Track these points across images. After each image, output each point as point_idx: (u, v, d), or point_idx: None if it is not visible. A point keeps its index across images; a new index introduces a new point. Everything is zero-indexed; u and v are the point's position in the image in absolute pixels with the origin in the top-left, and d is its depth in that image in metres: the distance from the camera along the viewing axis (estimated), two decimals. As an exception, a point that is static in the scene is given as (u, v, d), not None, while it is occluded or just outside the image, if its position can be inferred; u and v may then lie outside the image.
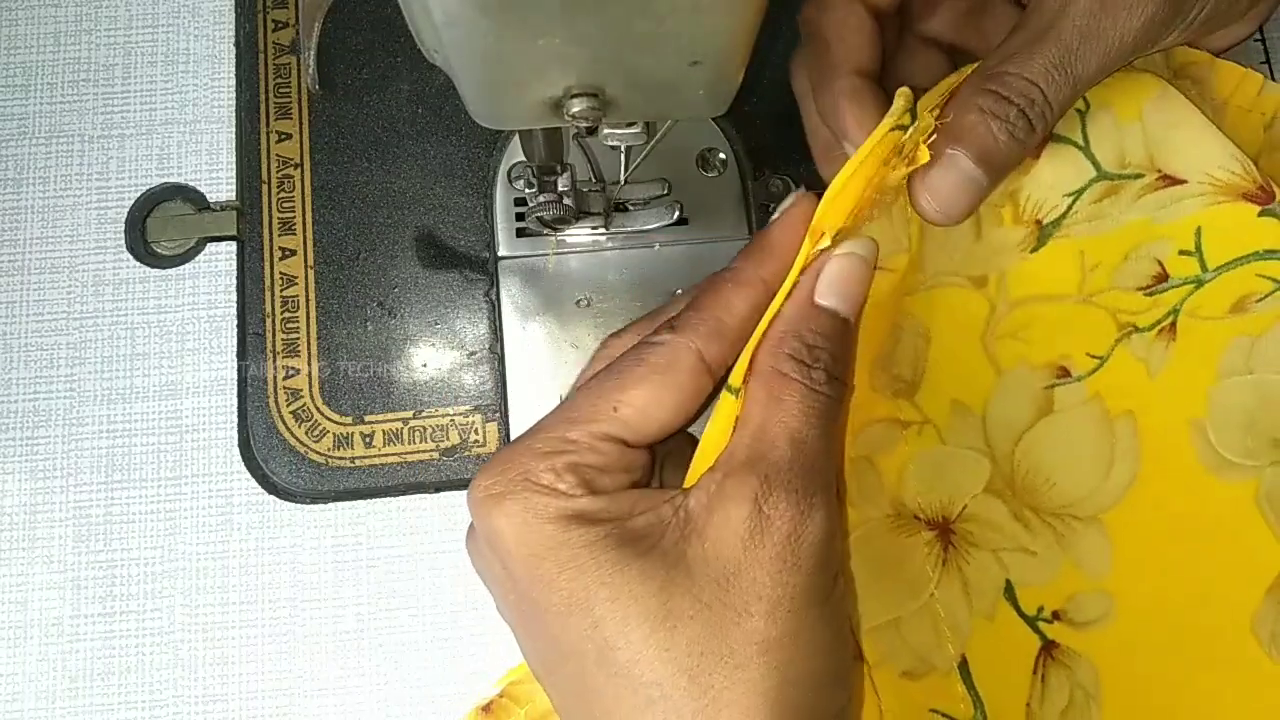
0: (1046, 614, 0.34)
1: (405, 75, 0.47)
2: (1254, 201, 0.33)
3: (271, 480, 0.42)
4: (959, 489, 0.35)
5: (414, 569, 0.42)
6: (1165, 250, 0.34)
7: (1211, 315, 0.34)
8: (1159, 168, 0.33)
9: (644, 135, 0.32)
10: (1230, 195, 0.33)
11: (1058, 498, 0.35)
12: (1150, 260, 0.34)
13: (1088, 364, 0.35)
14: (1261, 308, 0.33)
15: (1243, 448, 0.34)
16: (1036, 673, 0.34)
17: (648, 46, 0.25)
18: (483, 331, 0.44)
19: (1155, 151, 0.33)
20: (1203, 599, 0.34)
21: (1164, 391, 0.34)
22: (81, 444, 0.43)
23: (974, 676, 0.33)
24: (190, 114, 0.47)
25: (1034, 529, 0.35)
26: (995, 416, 0.35)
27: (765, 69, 0.47)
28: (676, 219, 0.43)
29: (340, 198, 0.45)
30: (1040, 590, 0.34)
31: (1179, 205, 0.33)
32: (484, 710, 0.34)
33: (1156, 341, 0.34)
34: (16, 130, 0.46)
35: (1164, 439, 0.34)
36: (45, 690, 0.40)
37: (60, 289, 0.45)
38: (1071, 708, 0.33)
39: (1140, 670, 0.34)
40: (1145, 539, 0.34)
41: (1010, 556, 0.35)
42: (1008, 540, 0.35)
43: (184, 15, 0.48)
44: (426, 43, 0.28)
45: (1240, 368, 0.34)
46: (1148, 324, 0.35)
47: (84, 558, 0.42)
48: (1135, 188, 0.34)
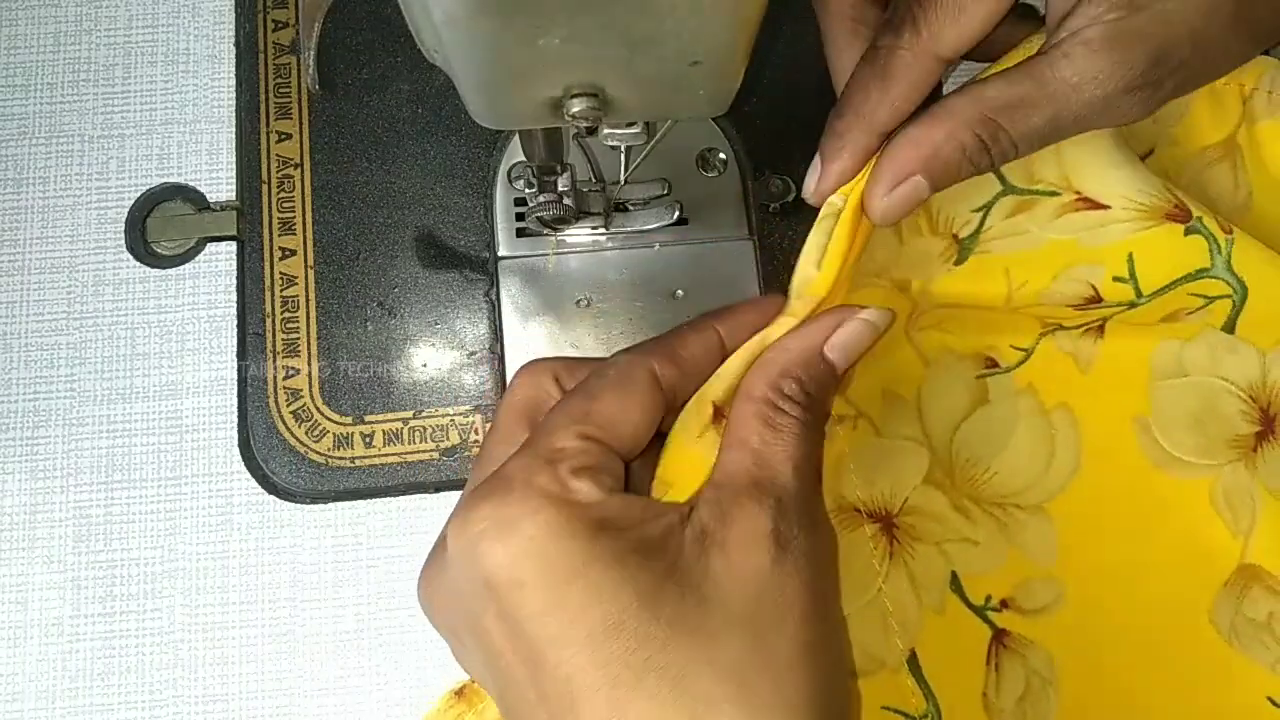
0: (995, 603, 0.34)
1: (405, 75, 0.47)
2: (1177, 221, 0.34)
3: (271, 480, 0.42)
4: (899, 480, 0.35)
5: (414, 569, 0.41)
6: (1097, 275, 0.35)
7: (1143, 322, 0.35)
8: (1076, 189, 0.34)
9: (644, 135, 0.32)
10: (1155, 218, 0.34)
11: (999, 487, 0.35)
12: (1082, 283, 0.35)
13: (1014, 355, 0.35)
14: (1191, 319, 0.35)
15: (1194, 446, 0.34)
16: (990, 663, 0.34)
17: (648, 46, 0.25)
18: (483, 331, 0.44)
19: (1070, 173, 0.34)
20: (1155, 588, 0.34)
21: (1100, 387, 0.35)
22: (81, 444, 0.43)
23: (924, 670, 0.33)
24: (190, 114, 0.47)
25: (975, 519, 0.35)
26: (930, 404, 0.35)
27: (765, 69, 0.47)
28: (676, 219, 0.43)
29: (340, 198, 0.45)
30: (986, 579, 0.34)
31: (1106, 230, 0.34)
32: (456, 695, 0.35)
33: (1083, 338, 0.35)
34: (16, 130, 0.46)
35: (1106, 433, 0.35)
36: (45, 690, 0.40)
37: (60, 289, 0.45)
38: (1029, 694, 0.34)
39: (1095, 655, 0.34)
40: (1092, 528, 0.35)
41: (953, 547, 0.35)
42: (949, 531, 0.35)
43: (184, 15, 0.48)
44: (426, 43, 0.28)
45: (1174, 370, 0.35)
46: (1074, 323, 0.35)
47: (84, 558, 0.42)
48: (1052, 205, 0.34)
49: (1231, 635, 0.33)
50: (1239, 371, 0.34)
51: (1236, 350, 0.34)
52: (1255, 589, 0.33)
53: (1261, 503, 0.33)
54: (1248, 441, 0.34)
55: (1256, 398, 0.34)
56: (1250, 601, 0.33)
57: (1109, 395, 0.35)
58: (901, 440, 0.35)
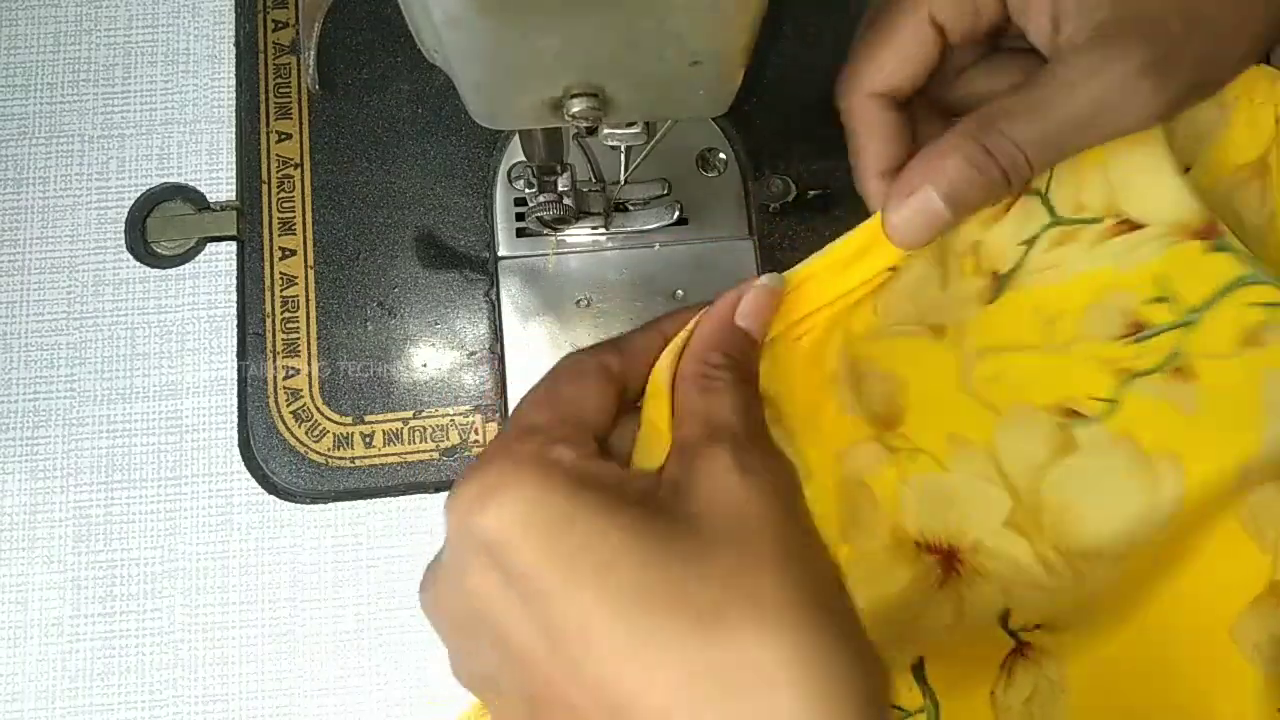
0: (1029, 624, 0.34)
1: (405, 75, 0.47)
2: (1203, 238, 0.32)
3: (271, 480, 0.42)
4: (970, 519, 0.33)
5: (414, 569, 0.41)
6: (1129, 302, 0.33)
7: (1223, 353, 0.32)
8: (1118, 212, 0.33)
9: (644, 135, 0.32)
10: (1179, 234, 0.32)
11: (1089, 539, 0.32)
12: (1117, 311, 0.33)
13: (1098, 406, 0.33)
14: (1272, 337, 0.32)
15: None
16: (1004, 667, 0.34)
17: (648, 46, 0.25)
18: (483, 331, 0.44)
19: (1116, 197, 0.33)
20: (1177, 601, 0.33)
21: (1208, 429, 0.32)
22: (81, 444, 0.43)
23: (928, 674, 0.33)
24: (190, 114, 0.47)
25: (1055, 571, 0.33)
26: (1008, 449, 0.33)
27: (765, 69, 0.47)
28: (676, 219, 0.43)
29: (340, 198, 0.45)
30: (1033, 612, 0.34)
31: (1138, 251, 0.33)
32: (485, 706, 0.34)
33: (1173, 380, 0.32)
34: (16, 130, 0.46)
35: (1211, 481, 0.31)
36: (45, 690, 0.40)
37: (60, 289, 0.45)
38: (1036, 695, 0.34)
39: (1109, 666, 0.34)
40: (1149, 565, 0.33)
41: (1019, 590, 0.33)
42: (1022, 577, 0.33)
43: (184, 15, 0.48)
44: (426, 43, 0.28)
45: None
46: (1148, 366, 0.33)
47: (84, 558, 0.42)
48: (1090, 234, 0.33)
49: (1254, 653, 0.32)
50: None
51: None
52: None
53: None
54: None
55: None
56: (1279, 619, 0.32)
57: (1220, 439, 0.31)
58: (974, 479, 0.33)
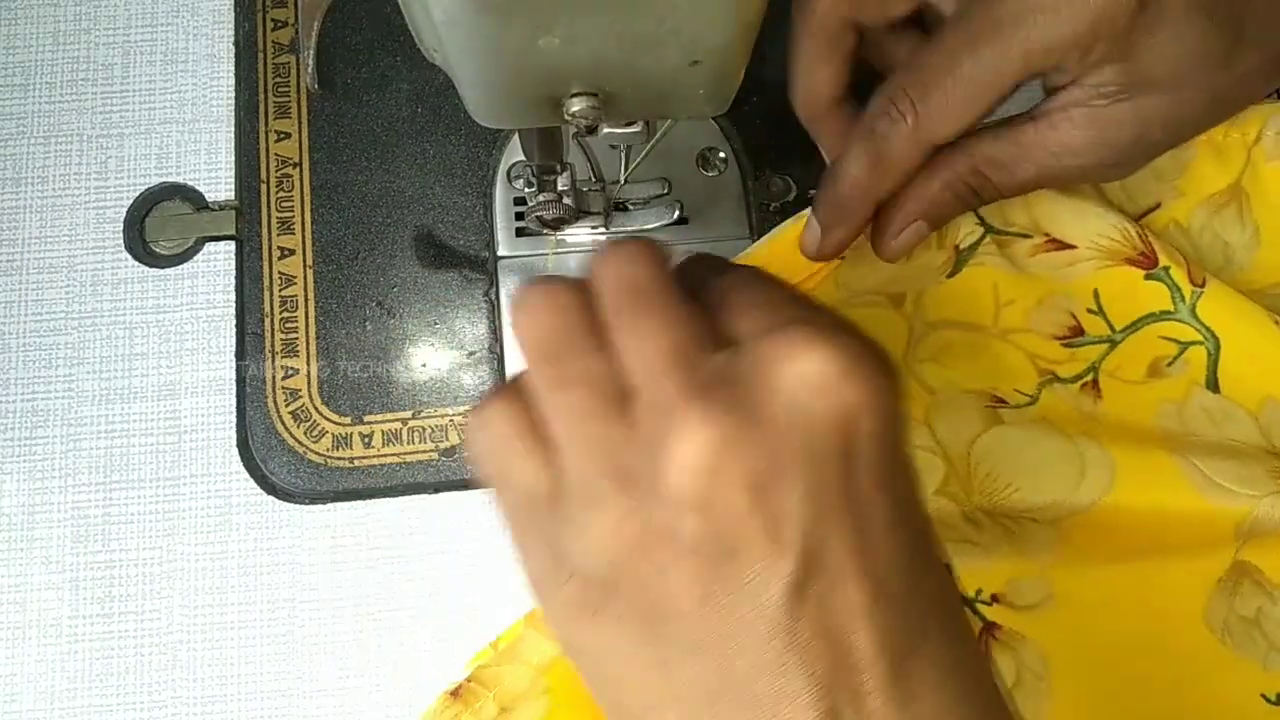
0: (985, 596, 0.35)
1: (405, 75, 0.47)
2: (1138, 266, 0.36)
3: (270, 480, 0.42)
4: None
5: (414, 569, 0.42)
6: (1076, 305, 0.37)
7: (1131, 379, 0.36)
8: (1045, 231, 0.36)
9: (644, 135, 0.32)
10: (1115, 260, 0.36)
11: (1018, 503, 0.35)
12: (1064, 311, 0.37)
13: (1019, 399, 0.37)
14: (1173, 371, 0.36)
15: (1235, 474, 0.35)
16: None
17: (648, 46, 0.25)
18: (482, 331, 0.44)
19: (1038, 216, 0.36)
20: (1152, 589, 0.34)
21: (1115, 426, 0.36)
22: (80, 444, 0.43)
23: None
24: (189, 113, 0.47)
25: (983, 527, 0.35)
26: (940, 422, 0.36)
27: (765, 69, 0.46)
28: (676, 219, 0.43)
29: (340, 197, 0.45)
30: (979, 574, 0.35)
31: (1074, 268, 0.36)
32: (452, 695, 0.35)
33: (1083, 394, 0.37)
34: (15, 130, 0.46)
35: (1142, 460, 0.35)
36: (45, 690, 0.40)
37: (59, 289, 0.45)
38: (1020, 685, 0.34)
39: (1089, 655, 0.34)
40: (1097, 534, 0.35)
41: (953, 546, 0.35)
42: (953, 534, 0.35)
43: (183, 15, 0.48)
44: (426, 43, 0.28)
45: (1178, 431, 0.36)
46: (1068, 375, 0.37)
47: (83, 558, 0.42)
48: (1025, 246, 0.36)
49: (1225, 634, 0.34)
50: (1242, 434, 0.35)
51: (1231, 416, 0.36)
52: (1246, 584, 0.34)
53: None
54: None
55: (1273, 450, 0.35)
56: (1241, 598, 0.34)
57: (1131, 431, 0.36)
58: (915, 449, 0.36)
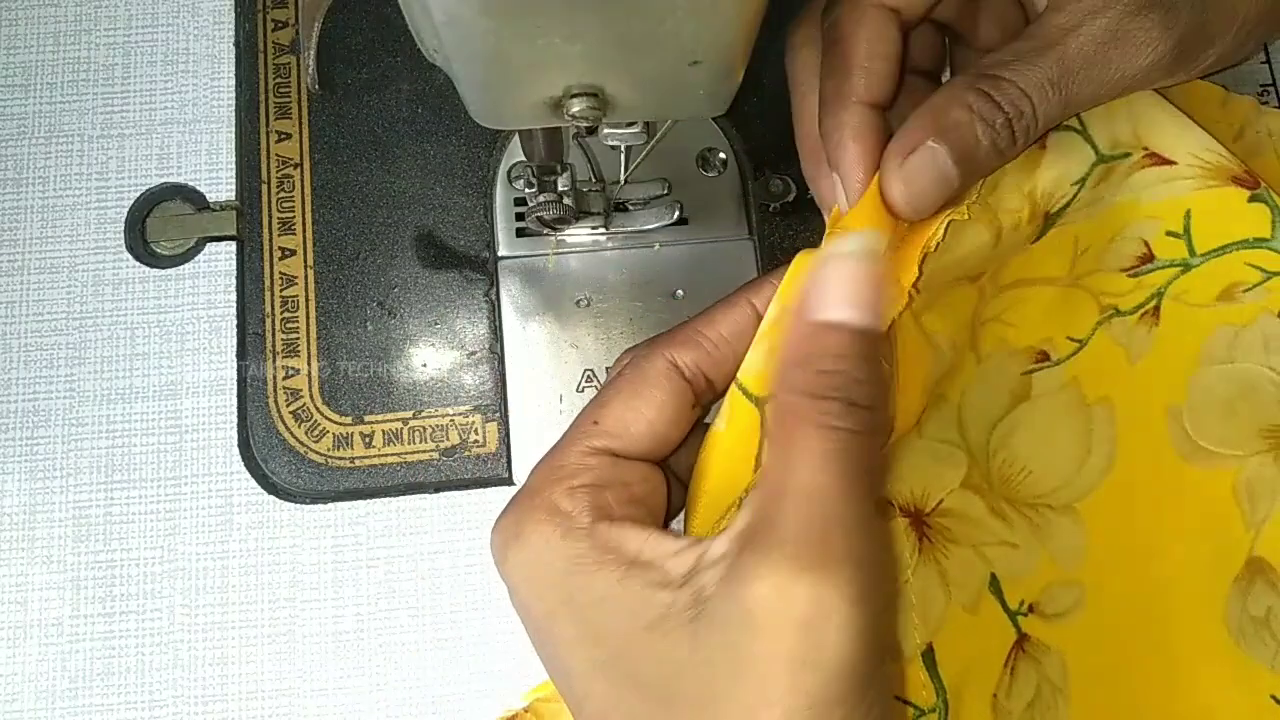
0: (1024, 607, 0.34)
1: (405, 75, 0.47)
2: (1243, 186, 0.33)
3: (271, 480, 0.42)
4: (934, 483, 0.35)
5: (414, 569, 0.42)
6: (1152, 230, 0.34)
7: (1198, 302, 0.34)
8: (1145, 145, 0.33)
9: (644, 135, 0.32)
10: (1220, 179, 0.33)
11: (1033, 487, 0.35)
12: (1136, 241, 0.34)
13: (1068, 347, 0.35)
14: (1249, 297, 0.33)
15: (1219, 436, 0.34)
16: (1006, 665, 0.34)
17: (648, 46, 0.25)
18: (483, 331, 0.44)
19: (1141, 129, 0.33)
20: (1173, 588, 0.34)
21: (1144, 377, 0.34)
22: (81, 444, 0.43)
23: (939, 664, 0.33)
24: (190, 114, 0.47)
25: (1012, 522, 0.35)
26: (971, 404, 0.35)
27: (765, 69, 0.47)
28: (676, 219, 0.43)
29: (340, 198, 0.45)
30: (1023, 583, 0.34)
31: (1169, 185, 0.33)
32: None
33: (1138, 325, 0.34)
34: (16, 130, 0.46)
35: (1140, 426, 0.34)
36: (45, 690, 0.40)
37: (60, 289, 0.45)
38: (1038, 700, 0.34)
39: (1108, 661, 0.34)
40: (1118, 528, 0.34)
41: (993, 551, 0.35)
42: (988, 535, 0.35)
43: (184, 15, 0.48)
44: (426, 43, 0.28)
45: (1222, 356, 0.34)
46: (1129, 307, 0.34)
47: (84, 558, 0.42)
48: (1124, 166, 0.33)
49: (1238, 634, 0.33)
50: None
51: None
52: (1258, 584, 0.33)
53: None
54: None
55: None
56: (1253, 598, 0.33)
57: (1150, 384, 0.34)
58: (939, 443, 0.35)
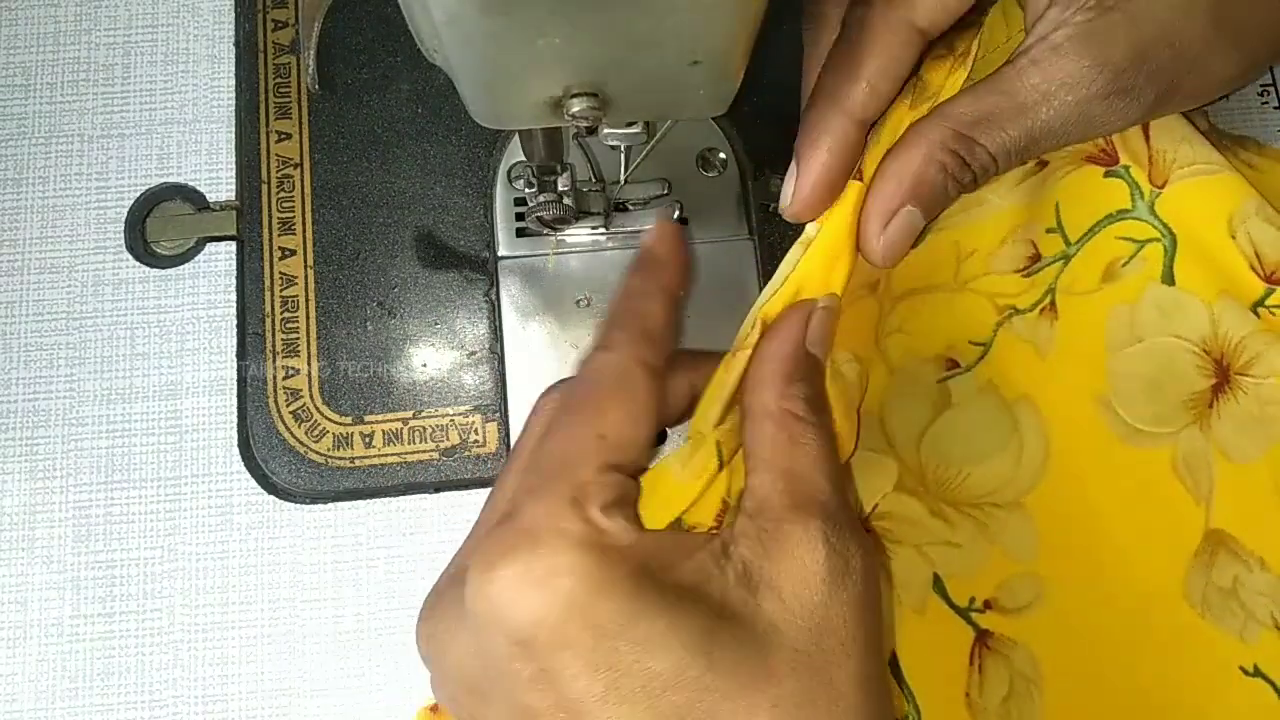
0: (978, 604, 0.34)
1: (405, 75, 0.47)
2: (1098, 164, 0.34)
3: (271, 480, 0.42)
4: (866, 489, 0.35)
5: (414, 569, 0.42)
6: (1036, 231, 0.35)
7: (1086, 289, 0.35)
8: None
9: (644, 135, 0.32)
10: (1076, 160, 0.34)
11: (973, 489, 0.35)
12: (1025, 243, 0.35)
13: (973, 352, 0.35)
14: (1129, 271, 0.34)
15: (1151, 415, 0.34)
16: (973, 663, 0.34)
17: (648, 46, 0.25)
18: (483, 331, 0.44)
19: None
20: (1132, 570, 0.34)
21: (1059, 369, 0.35)
22: (81, 444, 0.43)
23: (905, 672, 0.33)
24: (190, 114, 0.47)
25: (954, 522, 0.35)
26: (893, 416, 0.36)
27: (765, 69, 0.46)
28: (676, 219, 0.43)
29: (340, 198, 0.45)
30: (969, 580, 0.34)
31: (1045, 185, 0.35)
32: (432, 710, 0.35)
33: (1040, 321, 0.35)
34: (16, 130, 0.46)
35: (1069, 416, 0.35)
36: (45, 690, 0.40)
37: (60, 289, 0.45)
38: (1013, 694, 0.34)
39: (1077, 650, 0.34)
40: (1069, 516, 0.35)
41: (935, 550, 0.35)
42: (929, 535, 0.35)
43: (184, 15, 0.48)
44: (426, 43, 0.28)
45: (1127, 338, 0.35)
46: (1027, 305, 0.35)
47: (84, 558, 0.42)
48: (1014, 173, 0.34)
49: (1204, 608, 0.33)
50: (1189, 326, 0.34)
51: (1182, 305, 0.34)
52: (1221, 554, 0.33)
53: (1217, 466, 0.34)
54: (1204, 399, 0.34)
55: (1210, 350, 0.34)
56: (1218, 569, 0.33)
57: (1069, 378, 0.35)
58: (866, 452, 0.34)
